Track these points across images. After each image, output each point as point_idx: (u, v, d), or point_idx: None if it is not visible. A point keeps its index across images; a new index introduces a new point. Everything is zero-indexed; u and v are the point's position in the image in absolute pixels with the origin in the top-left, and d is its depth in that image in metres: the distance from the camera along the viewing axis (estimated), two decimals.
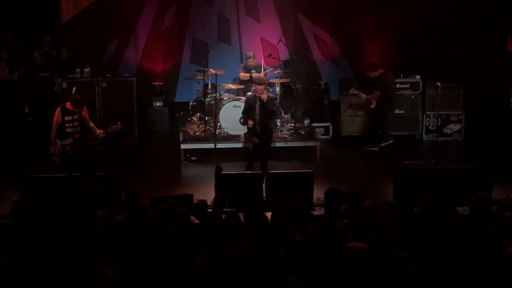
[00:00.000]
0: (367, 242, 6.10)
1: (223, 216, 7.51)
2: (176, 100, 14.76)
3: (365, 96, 12.81)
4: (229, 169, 11.11)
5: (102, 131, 9.82)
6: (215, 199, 9.32)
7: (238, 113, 11.59)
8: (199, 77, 13.01)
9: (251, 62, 13.00)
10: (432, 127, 13.16)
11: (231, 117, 12.09)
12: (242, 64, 13.31)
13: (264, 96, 10.30)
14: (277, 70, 13.00)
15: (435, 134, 12.55)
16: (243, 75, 13.05)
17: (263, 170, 10.30)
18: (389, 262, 5.79)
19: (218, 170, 9.69)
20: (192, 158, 11.94)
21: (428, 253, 6.15)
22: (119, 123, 9.91)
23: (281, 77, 12.89)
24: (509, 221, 6.77)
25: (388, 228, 6.86)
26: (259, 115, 10.32)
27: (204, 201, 8.03)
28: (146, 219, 7.21)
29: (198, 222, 7.49)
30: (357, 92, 13.00)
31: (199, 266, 5.92)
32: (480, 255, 5.97)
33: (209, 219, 7.52)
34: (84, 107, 9.85)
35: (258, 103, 10.30)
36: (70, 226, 6.71)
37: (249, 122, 10.37)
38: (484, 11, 13.43)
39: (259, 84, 10.37)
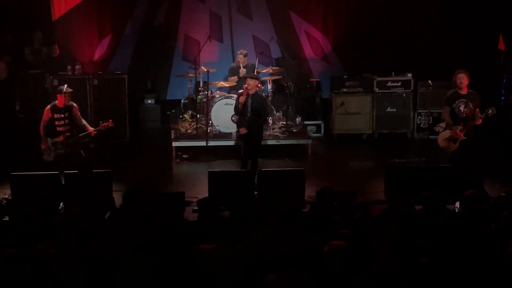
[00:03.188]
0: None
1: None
2: (167, 98, 14.74)
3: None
4: (221, 167, 11.12)
5: (93, 129, 9.80)
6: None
7: (230, 111, 11.56)
8: (190, 74, 13.00)
9: (241, 59, 12.86)
10: (423, 125, 13.19)
11: (222, 115, 12.07)
12: (232, 65, 13.14)
13: (250, 93, 10.25)
14: (268, 68, 12.96)
15: (426, 132, 12.57)
16: (231, 79, 12.81)
17: (253, 168, 10.28)
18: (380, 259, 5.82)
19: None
20: (183, 156, 11.93)
21: (421, 251, 6.16)
22: (110, 120, 9.92)
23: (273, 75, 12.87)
24: (507, 219, 6.76)
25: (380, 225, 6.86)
26: (250, 112, 10.30)
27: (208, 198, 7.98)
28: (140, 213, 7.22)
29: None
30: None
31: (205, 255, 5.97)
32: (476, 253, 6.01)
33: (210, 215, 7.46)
34: (75, 105, 9.84)
35: (249, 100, 10.29)
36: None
37: (242, 130, 10.33)
38: (475, 9, 13.46)
39: (252, 78, 10.33)
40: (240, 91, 11.07)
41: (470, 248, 6.15)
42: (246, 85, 10.48)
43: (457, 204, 8.15)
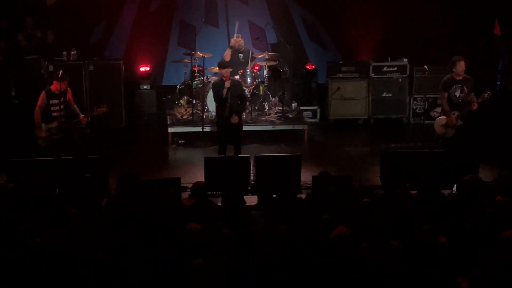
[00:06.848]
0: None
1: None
2: (163, 83, 14.69)
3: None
4: (217, 152, 11.10)
5: (83, 115, 9.73)
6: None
7: None
8: (186, 60, 12.96)
9: (238, 42, 12.76)
10: (419, 110, 13.21)
11: None
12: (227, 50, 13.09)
13: (228, 82, 10.11)
14: (264, 53, 12.92)
15: (422, 117, 12.58)
16: (226, 53, 12.70)
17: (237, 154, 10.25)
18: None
19: None
20: (179, 142, 11.94)
21: (416, 235, 6.19)
22: (104, 105, 9.88)
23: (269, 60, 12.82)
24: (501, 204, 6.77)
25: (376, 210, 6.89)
26: (229, 99, 10.17)
27: (203, 183, 7.96)
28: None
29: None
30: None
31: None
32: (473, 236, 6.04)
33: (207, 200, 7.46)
34: (69, 89, 9.79)
35: (225, 87, 10.12)
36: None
37: (235, 118, 10.15)
38: None
39: (224, 68, 10.24)
40: (215, 79, 10.89)
41: (466, 232, 6.19)
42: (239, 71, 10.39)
43: (454, 187, 8.18)
